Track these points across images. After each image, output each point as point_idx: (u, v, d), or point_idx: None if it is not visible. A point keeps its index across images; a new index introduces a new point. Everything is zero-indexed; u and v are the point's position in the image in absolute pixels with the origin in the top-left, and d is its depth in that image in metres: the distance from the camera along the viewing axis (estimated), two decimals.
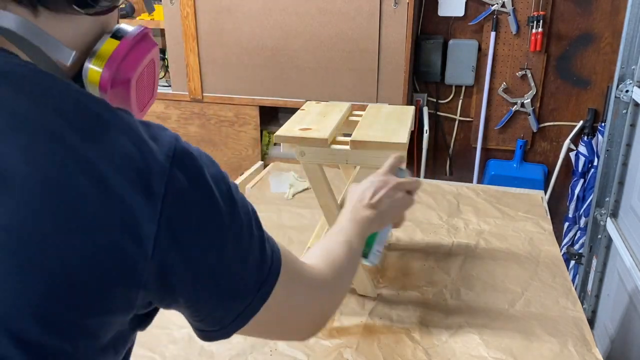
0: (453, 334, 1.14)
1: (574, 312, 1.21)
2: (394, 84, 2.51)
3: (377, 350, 1.09)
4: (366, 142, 1.12)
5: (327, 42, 2.51)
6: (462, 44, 2.74)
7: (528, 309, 1.23)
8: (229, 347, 1.09)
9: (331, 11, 2.45)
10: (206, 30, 2.62)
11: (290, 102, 2.64)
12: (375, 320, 1.19)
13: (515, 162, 2.85)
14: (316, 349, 1.09)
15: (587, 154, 2.63)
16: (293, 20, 2.50)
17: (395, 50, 2.45)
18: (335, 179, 1.82)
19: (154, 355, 1.06)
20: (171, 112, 2.82)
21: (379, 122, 1.23)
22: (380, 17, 2.42)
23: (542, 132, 2.84)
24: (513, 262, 1.43)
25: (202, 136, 2.83)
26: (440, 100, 2.91)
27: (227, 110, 2.75)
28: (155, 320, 0.63)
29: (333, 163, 1.17)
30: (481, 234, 1.57)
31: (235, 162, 2.85)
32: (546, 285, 1.32)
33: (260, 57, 2.60)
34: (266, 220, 1.63)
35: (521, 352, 1.08)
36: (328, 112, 1.31)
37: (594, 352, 1.08)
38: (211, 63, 2.68)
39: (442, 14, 2.72)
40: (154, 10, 0.74)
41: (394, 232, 1.59)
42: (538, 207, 1.74)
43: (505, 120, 2.82)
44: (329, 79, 2.57)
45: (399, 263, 1.42)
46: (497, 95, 2.79)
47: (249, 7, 2.52)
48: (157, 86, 0.66)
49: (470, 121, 2.91)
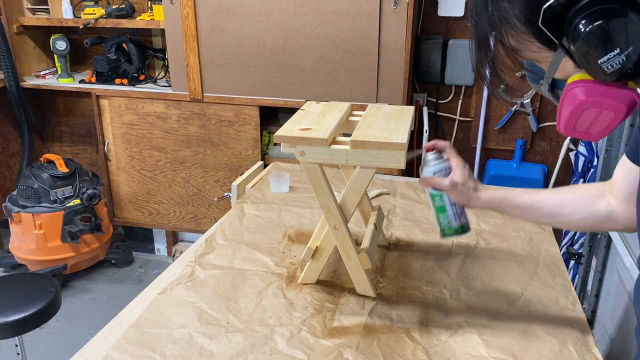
0: (453, 334, 1.14)
1: (574, 312, 1.22)
2: (394, 84, 2.51)
3: (376, 350, 1.09)
4: (366, 142, 1.12)
5: (327, 42, 2.51)
6: (462, 44, 2.74)
7: (528, 308, 1.23)
8: (229, 347, 1.09)
9: (331, 11, 2.45)
10: (206, 30, 2.62)
11: (290, 102, 2.64)
12: (375, 320, 1.19)
13: (515, 162, 2.86)
14: (316, 348, 1.09)
15: (587, 154, 2.63)
16: (293, 20, 2.51)
17: (395, 50, 2.45)
18: (335, 179, 1.83)
19: (154, 355, 1.07)
20: (171, 112, 2.83)
21: (379, 122, 1.23)
22: (380, 17, 2.42)
23: (542, 132, 2.84)
24: (513, 262, 1.43)
25: (202, 136, 2.84)
26: (440, 100, 2.91)
27: (227, 110, 2.76)
28: (156, 320, 0.63)
29: (333, 163, 1.17)
30: (481, 233, 1.58)
31: (235, 162, 2.85)
32: (546, 285, 1.32)
33: (260, 57, 2.61)
34: (266, 220, 1.64)
35: (521, 352, 1.08)
36: (328, 112, 1.31)
37: (593, 352, 1.08)
38: (211, 63, 2.68)
39: (442, 14, 2.72)
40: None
41: (394, 232, 1.59)
42: None
43: (505, 120, 2.82)
44: (329, 79, 2.57)
45: (399, 263, 1.42)
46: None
47: (249, 7, 2.53)
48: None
49: (470, 121, 2.91)
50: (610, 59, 0.71)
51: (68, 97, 3.34)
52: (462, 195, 1.10)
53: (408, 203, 1.78)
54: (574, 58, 0.76)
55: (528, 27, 0.77)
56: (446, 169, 1.11)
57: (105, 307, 2.83)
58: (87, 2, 2.86)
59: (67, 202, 2.85)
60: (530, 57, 0.83)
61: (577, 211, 1.04)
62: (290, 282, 1.32)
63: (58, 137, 3.49)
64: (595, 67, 0.73)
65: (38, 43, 3.16)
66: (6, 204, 2.86)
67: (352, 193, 1.20)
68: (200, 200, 2.99)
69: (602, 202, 1.02)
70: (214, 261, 1.41)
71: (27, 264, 2.89)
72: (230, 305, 1.23)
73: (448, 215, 1.13)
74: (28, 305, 1.80)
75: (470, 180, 1.10)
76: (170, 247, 3.27)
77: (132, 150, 2.96)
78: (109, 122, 2.93)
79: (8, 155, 3.27)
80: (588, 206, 1.03)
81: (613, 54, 0.71)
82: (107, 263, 3.17)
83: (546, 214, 1.07)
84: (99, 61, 2.94)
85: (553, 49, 0.79)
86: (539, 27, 0.75)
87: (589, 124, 0.82)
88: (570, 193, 1.06)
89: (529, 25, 0.77)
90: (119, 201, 3.10)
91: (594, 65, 0.73)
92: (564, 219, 1.06)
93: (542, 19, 0.74)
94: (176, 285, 1.29)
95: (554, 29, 0.75)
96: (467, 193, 1.09)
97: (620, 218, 1.01)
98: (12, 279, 1.98)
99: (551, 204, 1.05)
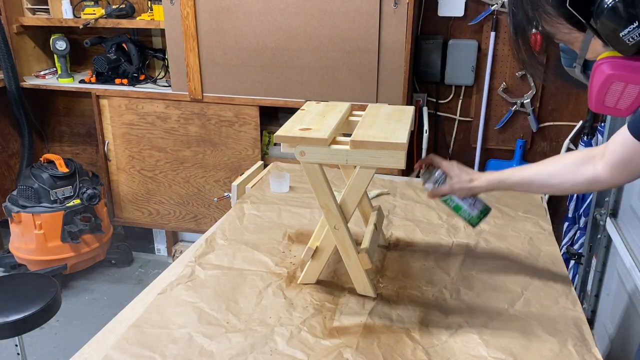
0: (453, 334, 1.14)
1: (574, 312, 1.22)
2: (394, 84, 2.51)
3: (376, 350, 1.09)
4: (366, 142, 1.12)
5: (327, 42, 2.51)
6: (462, 44, 2.74)
7: (528, 308, 1.23)
8: (229, 347, 1.09)
9: (331, 11, 2.45)
10: (206, 30, 2.62)
11: (290, 102, 2.64)
12: (375, 320, 1.19)
13: (515, 162, 2.85)
14: (316, 348, 1.09)
15: None
16: (293, 20, 2.51)
17: (395, 50, 2.45)
18: (335, 179, 1.83)
19: (154, 355, 1.07)
20: (171, 112, 2.83)
21: (379, 122, 1.23)
22: (380, 17, 2.42)
23: (542, 132, 2.84)
24: (513, 262, 1.43)
25: (202, 136, 2.84)
26: (440, 100, 2.91)
27: (227, 110, 2.76)
28: (156, 320, 0.63)
29: (333, 163, 1.17)
30: (481, 233, 1.58)
31: (235, 162, 2.85)
32: (546, 285, 1.32)
33: (260, 57, 2.61)
34: (266, 220, 1.64)
35: (521, 352, 1.08)
36: (328, 112, 1.31)
37: (593, 352, 1.08)
38: (211, 63, 2.68)
39: (442, 14, 2.72)
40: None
41: (394, 232, 1.59)
42: (538, 207, 1.75)
43: (505, 120, 2.82)
44: (329, 79, 2.57)
45: (399, 263, 1.42)
46: (497, 95, 2.80)
47: (249, 7, 2.53)
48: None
49: (470, 121, 2.91)
50: (630, 32, 0.80)
51: (68, 97, 3.34)
52: (463, 190, 1.27)
53: (408, 203, 1.78)
54: (599, 35, 0.84)
55: (558, 10, 0.87)
56: (441, 176, 1.29)
57: (105, 307, 2.83)
58: (87, 2, 2.86)
59: (67, 202, 2.85)
60: (562, 39, 0.93)
61: (565, 180, 1.13)
62: (290, 282, 1.32)
63: (58, 137, 3.49)
64: (618, 40, 0.81)
65: (38, 43, 3.16)
66: (6, 204, 2.86)
67: (352, 193, 1.20)
68: (200, 200, 2.99)
69: (587, 168, 1.10)
70: (214, 261, 1.41)
71: (27, 264, 2.89)
72: (230, 305, 1.23)
73: (466, 210, 1.30)
74: (28, 305, 1.80)
75: (463, 174, 1.26)
76: (170, 247, 3.27)
77: (132, 150, 2.96)
78: (109, 122, 2.93)
79: (8, 155, 3.27)
80: (574, 174, 1.12)
81: (633, 27, 0.79)
82: (107, 263, 3.17)
83: (538, 187, 1.20)
84: (99, 61, 2.94)
85: (582, 29, 0.88)
86: (568, 9, 0.84)
87: (617, 99, 0.89)
88: (557, 164, 1.16)
89: (559, 8, 0.86)
90: (119, 201, 3.10)
91: (617, 39, 0.81)
92: (555, 189, 1.17)
93: (569, 0, 0.83)
94: (176, 285, 1.29)
95: (582, 10, 0.84)
96: (466, 186, 1.26)
97: (603, 181, 1.08)
98: (12, 279, 1.98)
99: (541, 178, 1.17)
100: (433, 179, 1.30)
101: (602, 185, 1.10)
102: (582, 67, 0.97)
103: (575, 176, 1.11)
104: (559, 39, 0.93)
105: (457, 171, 1.27)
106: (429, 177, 1.31)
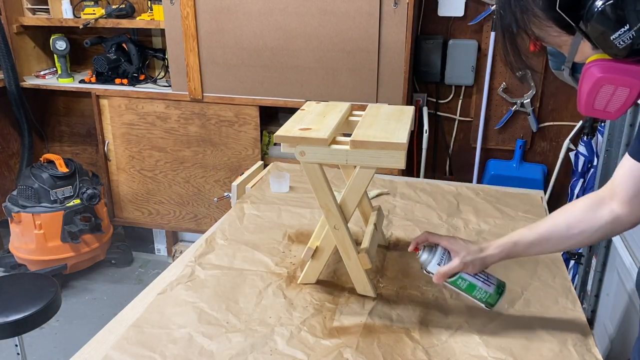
0: (453, 334, 1.14)
1: (574, 312, 1.22)
2: (394, 84, 2.51)
3: (376, 350, 1.09)
4: (366, 142, 1.12)
5: (327, 42, 2.51)
6: (462, 44, 2.74)
7: (528, 308, 1.23)
8: (228, 347, 1.09)
9: (331, 11, 2.45)
10: (206, 30, 2.62)
11: (290, 102, 2.64)
12: (375, 320, 1.19)
13: (515, 162, 2.85)
14: (316, 348, 1.09)
15: (587, 154, 2.63)
16: (293, 20, 2.51)
17: (395, 50, 2.45)
18: (335, 179, 1.83)
19: (154, 355, 1.06)
20: (171, 112, 2.83)
21: (379, 122, 1.23)
22: (380, 17, 2.42)
23: (542, 132, 2.84)
24: (513, 262, 1.42)
25: (202, 136, 2.84)
26: (440, 100, 2.91)
27: (227, 110, 2.76)
28: (155, 320, 0.63)
29: (333, 163, 1.17)
30: (481, 233, 1.58)
31: (235, 162, 2.85)
32: (546, 285, 1.32)
33: (260, 57, 2.61)
34: (266, 220, 1.64)
35: (521, 352, 1.08)
36: (328, 112, 1.31)
37: (593, 352, 1.08)
38: (211, 63, 2.68)
39: (442, 14, 2.72)
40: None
41: (394, 232, 1.59)
42: (538, 207, 1.75)
43: (505, 120, 2.82)
44: (329, 79, 2.57)
45: (399, 263, 1.42)
46: (497, 95, 2.80)
47: (249, 7, 2.53)
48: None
49: (470, 121, 2.91)
50: (621, 35, 0.79)
51: (68, 97, 3.34)
52: (475, 263, 1.10)
53: (408, 203, 1.78)
54: (589, 38, 0.83)
55: (547, 13, 0.85)
56: (444, 253, 1.12)
57: (105, 307, 2.83)
58: (87, 2, 2.86)
59: (67, 202, 2.85)
60: (551, 43, 0.92)
61: (586, 228, 1.04)
62: (290, 282, 1.32)
63: (58, 137, 3.49)
64: (608, 43, 0.81)
65: (38, 43, 3.16)
66: (6, 204, 2.86)
67: (352, 193, 1.20)
68: (200, 200, 2.99)
69: (603, 211, 1.03)
70: (214, 261, 1.41)
71: (27, 264, 2.89)
72: (230, 305, 1.23)
73: (480, 288, 1.11)
74: (28, 305, 1.80)
75: (471, 245, 1.10)
76: (170, 247, 3.27)
77: (132, 150, 2.96)
78: (109, 122, 2.93)
79: (8, 155, 3.27)
80: (593, 220, 1.03)
81: (623, 30, 0.79)
82: (107, 263, 3.17)
83: (558, 242, 1.07)
84: (99, 61, 2.94)
85: (571, 32, 0.87)
86: (557, 12, 0.83)
87: (607, 102, 0.88)
88: (568, 214, 1.06)
89: (548, 11, 0.85)
90: (119, 201, 3.10)
91: (607, 42, 0.81)
92: (576, 239, 1.06)
93: (559, 3, 0.82)
94: (176, 285, 1.29)
95: (571, 13, 0.83)
96: (478, 256, 1.09)
97: (625, 220, 1.01)
98: (12, 279, 1.98)
99: (559, 231, 1.06)
100: (436, 258, 1.12)
101: (625, 225, 1.02)
102: (571, 69, 0.96)
103: (594, 222, 1.03)
104: (547, 42, 0.92)
105: (462, 244, 1.10)
106: (431, 258, 1.12)
